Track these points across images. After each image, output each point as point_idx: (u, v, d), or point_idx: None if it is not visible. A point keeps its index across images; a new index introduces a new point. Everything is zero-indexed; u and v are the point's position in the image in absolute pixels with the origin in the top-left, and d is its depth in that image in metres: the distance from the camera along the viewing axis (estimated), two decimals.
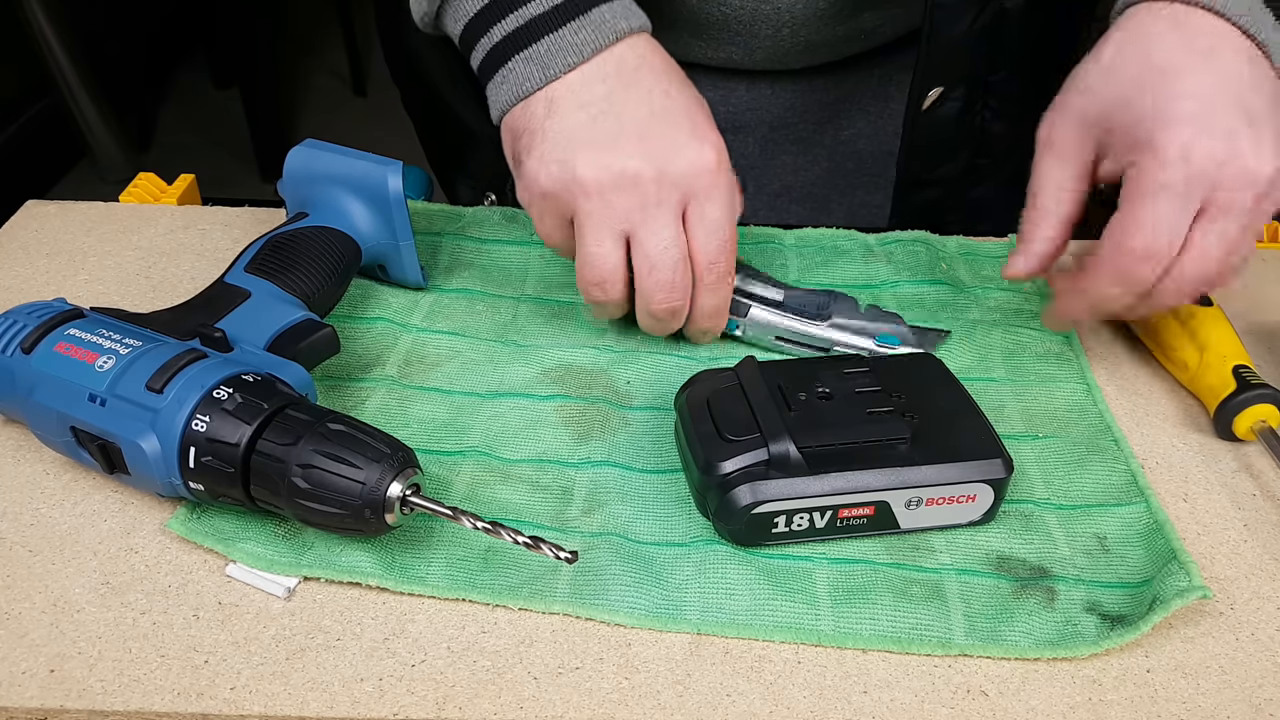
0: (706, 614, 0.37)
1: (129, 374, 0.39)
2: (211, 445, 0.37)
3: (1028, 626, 0.37)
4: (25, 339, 0.41)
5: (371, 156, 0.49)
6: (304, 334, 0.44)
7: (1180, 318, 0.49)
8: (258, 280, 0.46)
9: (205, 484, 0.38)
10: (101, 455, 0.39)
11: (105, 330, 0.41)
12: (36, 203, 0.61)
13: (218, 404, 0.37)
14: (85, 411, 0.38)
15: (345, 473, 0.36)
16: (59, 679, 0.35)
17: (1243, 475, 0.45)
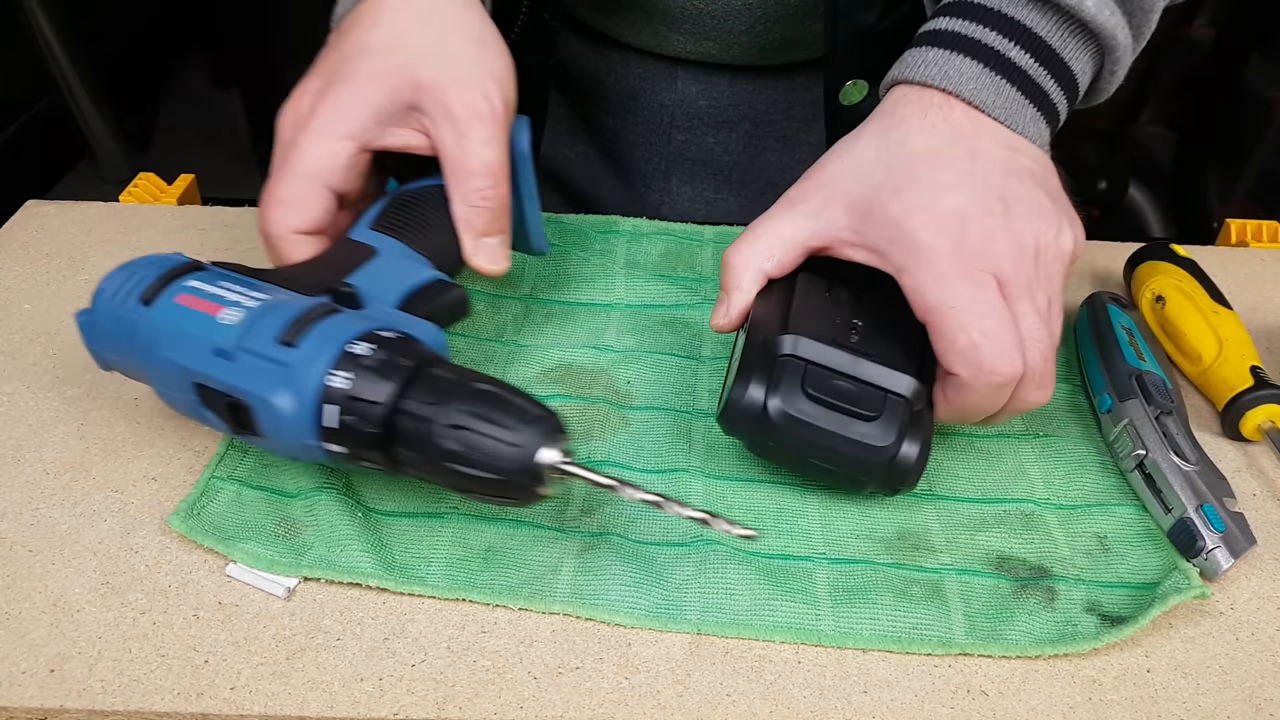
0: (706, 614, 0.37)
1: (258, 326, 0.36)
2: (353, 404, 0.34)
3: (1028, 626, 0.37)
4: (144, 290, 0.38)
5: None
6: (435, 294, 0.42)
7: (1202, 309, 0.49)
8: (384, 238, 0.43)
9: (347, 446, 0.35)
10: (230, 415, 0.36)
11: (228, 283, 0.38)
12: (36, 203, 0.61)
13: (357, 360, 0.35)
14: (211, 367, 0.36)
15: (499, 435, 0.34)
16: (59, 679, 0.35)
17: (1246, 475, 0.45)
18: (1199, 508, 0.39)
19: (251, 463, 0.43)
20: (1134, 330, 0.48)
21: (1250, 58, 1.52)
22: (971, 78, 0.40)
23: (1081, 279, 0.57)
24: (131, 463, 0.43)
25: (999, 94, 0.40)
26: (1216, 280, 0.51)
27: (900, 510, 0.42)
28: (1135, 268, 0.54)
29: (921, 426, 0.39)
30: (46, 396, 0.47)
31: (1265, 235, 0.62)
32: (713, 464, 0.44)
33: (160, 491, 0.42)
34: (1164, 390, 0.44)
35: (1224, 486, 0.41)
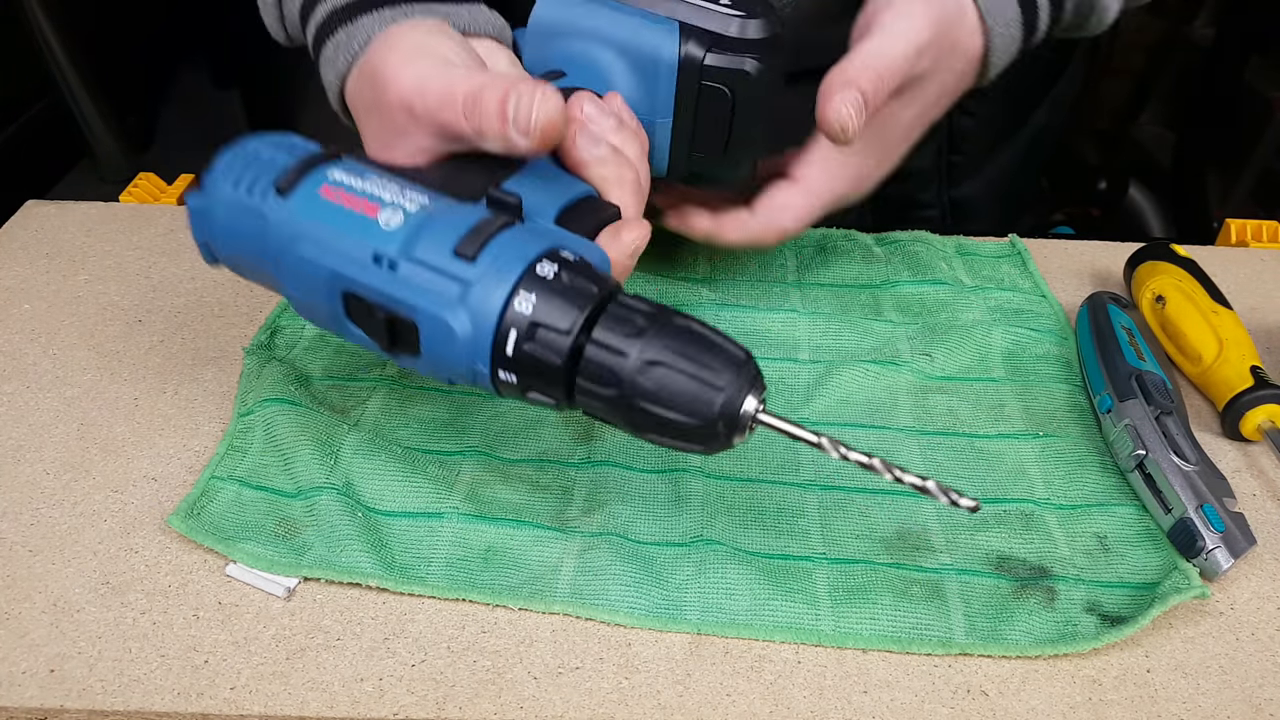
0: (706, 614, 0.37)
1: (428, 234, 0.32)
2: (536, 330, 0.31)
3: (1028, 626, 0.37)
4: (280, 178, 0.34)
5: (643, 13, 0.42)
6: (590, 211, 0.37)
7: (1202, 309, 0.49)
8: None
9: (519, 375, 0.31)
10: (385, 331, 0.32)
11: (376, 178, 0.34)
12: (36, 203, 0.61)
13: (543, 282, 0.31)
14: (369, 275, 0.32)
15: (703, 376, 0.30)
16: (59, 679, 0.35)
17: (1245, 475, 0.45)
18: (1199, 508, 0.39)
19: (251, 463, 0.43)
20: (1134, 330, 0.48)
21: (1250, 58, 1.52)
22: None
23: (1081, 279, 0.57)
24: (131, 463, 0.43)
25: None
26: (1216, 280, 0.51)
27: (900, 510, 0.42)
28: (1135, 268, 0.54)
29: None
30: (46, 396, 0.47)
31: (1265, 235, 0.62)
32: (713, 464, 0.44)
33: (160, 491, 0.42)
34: (1164, 390, 0.44)
35: (1224, 486, 0.41)
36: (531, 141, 0.35)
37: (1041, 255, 0.58)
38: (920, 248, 0.57)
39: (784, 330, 0.52)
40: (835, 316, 0.53)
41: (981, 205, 0.69)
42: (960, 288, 0.55)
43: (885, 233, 0.59)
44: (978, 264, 0.57)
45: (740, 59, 0.41)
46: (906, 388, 0.48)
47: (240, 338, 0.50)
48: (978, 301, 0.54)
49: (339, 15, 0.42)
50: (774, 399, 0.47)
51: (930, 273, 0.56)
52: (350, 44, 0.41)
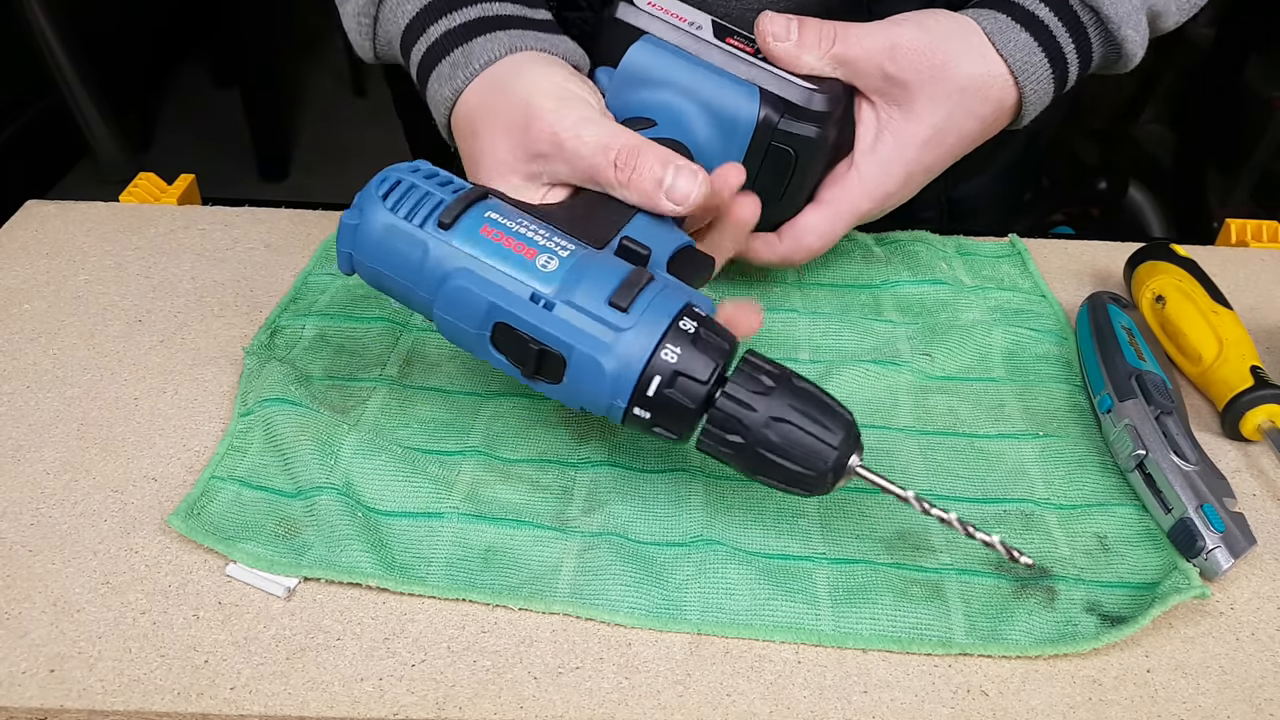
0: (706, 614, 0.37)
1: (585, 282, 0.36)
2: (678, 379, 0.35)
3: (1028, 626, 0.37)
4: (443, 213, 0.37)
5: (727, 74, 0.47)
6: (690, 260, 0.42)
7: (1202, 309, 0.49)
8: None
9: (654, 414, 0.36)
10: (533, 361, 0.36)
11: (525, 221, 0.38)
12: (36, 203, 0.61)
13: (686, 335, 0.36)
14: (527, 311, 0.36)
15: (818, 434, 0.35)
16: (59, 679, 0.35)
17: (1245, 475, 0.45)
18: (1199, 508, 0.39)
19: (251, 463, 0.43)
20: (1134, 330, 0.48)
21: (1250, 58, 1.52)
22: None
23: (1081, 279, 0.57)
24: (131, 463, 0.43)
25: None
26: (1216, 280, 0.51)
27: (900, 510, 0.42)
28: (1135, 268, 0.54)
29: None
30: (46, 396, 0.47)
31: (1265, 235, 0.62)
32: (713, 464, 0.44)
33: (160, 491, 0.42)
34: (1164, 390, 0.44)
35: (1224, 486, 0.41)
36: (683, 210, 0.40)
37: (1041, 255, 0.58)
38: (920, 247, 0.57)
39: (784, 330, 0.52)
40: (835, 316, 0.53)
41: (981, 205, 0.69)
42: (960, 288, 0.55)
43: (885, 233, 0.59)
44: (977, 264, 0.57)
45: (806, 126, 0.47)
46: (906, 388, 0.48)
47: (240, 338, 0.50)
48: (978, 301, 0.54)
49: (453, 36, 0.47)
50: None
51: (930, 272, 0.56)
52: (469, 63, 0.46)
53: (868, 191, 0.49)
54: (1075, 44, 0.49)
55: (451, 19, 0.47)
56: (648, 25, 0.48)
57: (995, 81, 0.48)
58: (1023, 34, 0.48)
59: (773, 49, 0.47)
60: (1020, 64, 0.48)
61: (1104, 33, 0.49)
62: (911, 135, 0.48)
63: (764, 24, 0.47)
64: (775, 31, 0.47)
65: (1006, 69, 0.48)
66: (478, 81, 0.45)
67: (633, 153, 0.40)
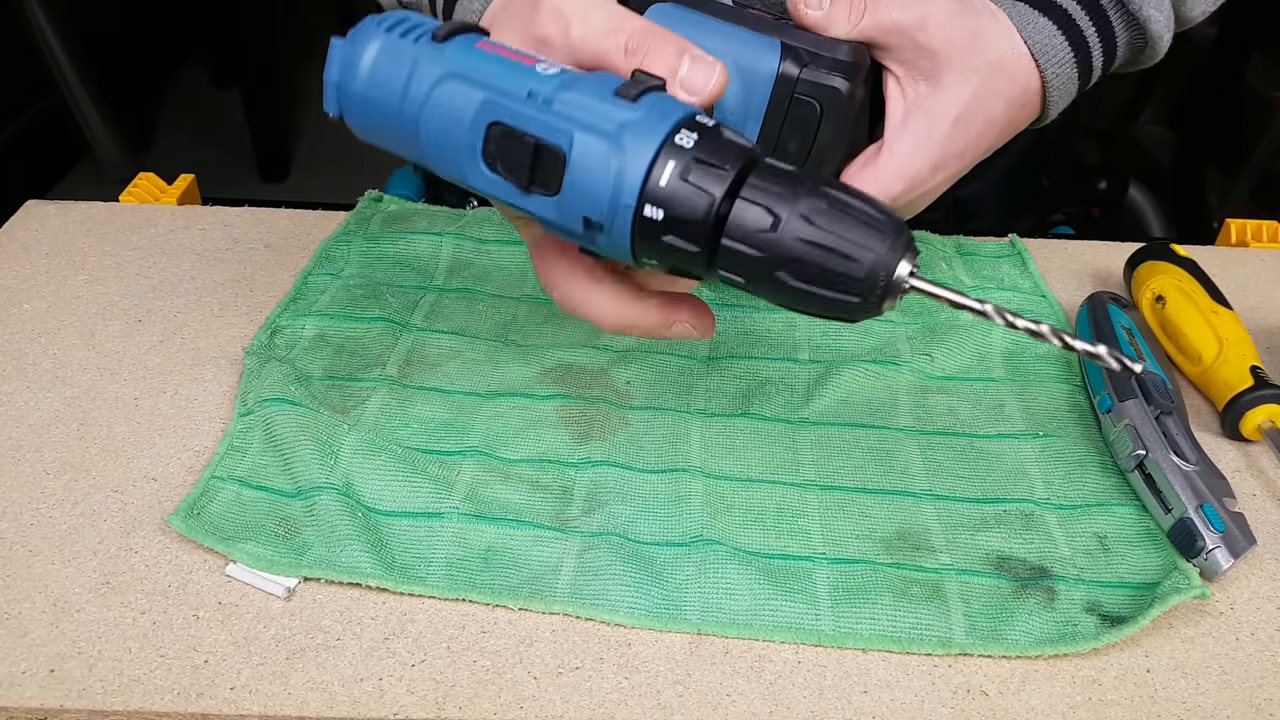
0: (706, 614, 0.37)
1: (586, 80, 0.33)
2: (696, 166, 0.31)
3: (1028, 626, 0.37)
4: (436, 31, 0.35)
5: (748, 32, 0.45)
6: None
7: (1202, 309, 0.49)
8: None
9: (667, 212, 0.31)
10: (529, 161, 0.32)
11: (524, 49, 0.35)
12: (36, 203, 0.61)
13: (703, 127, 0.31)
14: (523, 105, 0.32)
15: (861, 235, 0.30)
16: (59, 679, 0.35)
17: (1246, 475, 0.45)
18: (1199, 508, 0.39)
19: (251, 463, 0.43)
20: (1134, 330, 0.48)
21: (1250, 57, 1.52)
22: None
23: (1081, 279, 0.57)
24: (131, 463, 0.43)
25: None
26: (1216, 280, 0.51)
27: (900, 510, 0.42)
28: (1135, 268, 0.54)
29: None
30: (46, 396, 0.47)
31: (1265, 235, 0.62)
32: (713, 464, 0.44)
33: (160, 491, 0.42)
34: (1164, 390, 0.44)
35: (1224, 486, 0.41)
36: (697, 102, 0.36)
37: (1041, 255, 0.58)
38: (920, 247, 0.57)
39: (784, 330, 0.52)
40: None
41: (982, 205, 0.69)
42: (960, 288, 0.55)
43: None
44: (978, 264, 0.57)
45: (832, 76, 0.45)
46: (906, 388, 0.48)
47: (240, 338, 0.50)
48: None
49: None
50: (774, 399, 0.47)
51: (930, 272, 0.56)
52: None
53: (899, 172, 0.48)
54: (1097, 28, 0.49)
55: None
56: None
57: (1020, 62, 0.48)
58: (1041, 19, 0.48)
59: (803, 15, 0.46)
60: (1041, 47, 0.48)
61: (1125, 15, 0.49)
62: (941, 112, 0.48)
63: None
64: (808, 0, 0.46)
65: (1028, 51, 0.48)
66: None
67: (645, 35, 0.37)
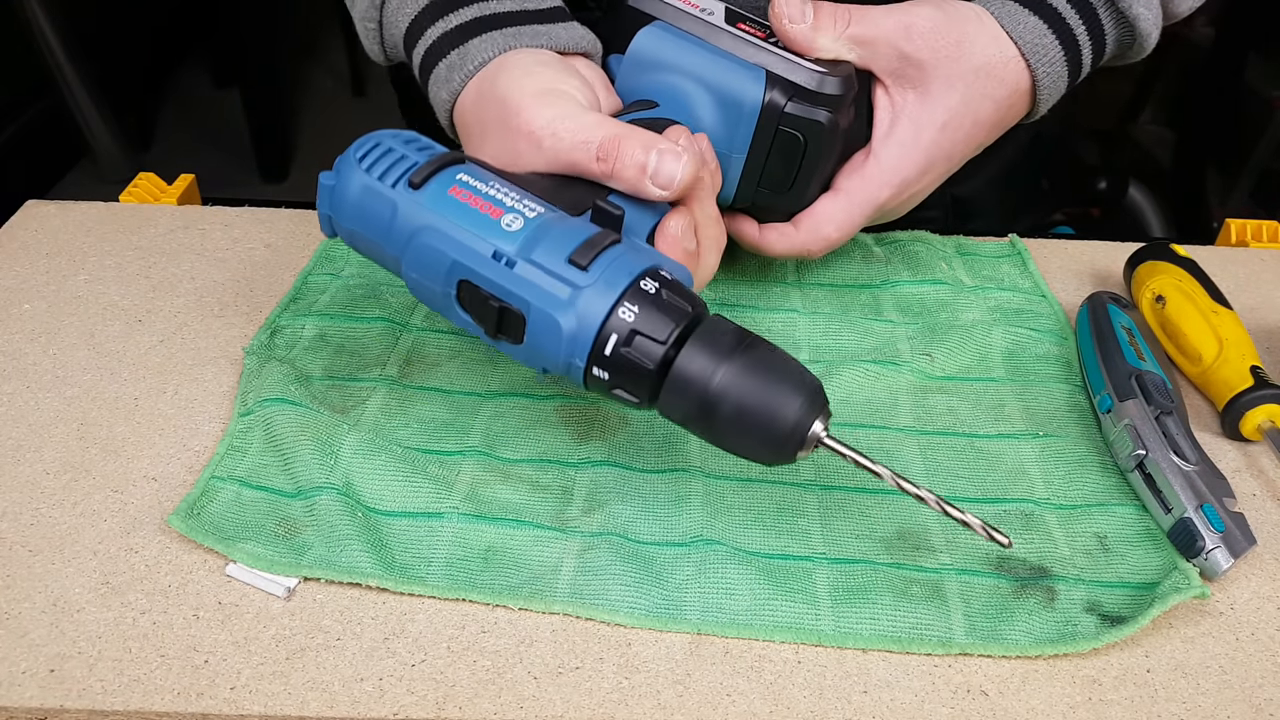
0: (706, 614, 0.37)
1: (546, 241, 0.36)
2: (635, 337, 0.35)
3: (1028, 626, 0.37)
4: (414, 174, 0.38)
5: (734, 58, 0.47)
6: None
7: (1202, 309, 0.49)
8: None
9: (612, 373, 0.35)
10: (494, 319, 0.36)
11: (498, 184, 0.38)
12: (36, 203, 0.61)
13: (646, 295, 0.35)
14: (488, 268, 0.36)
15: (776, 398, 0.34)
16: (59, 679, 0.35)
17: (1246, 475, 0.45)
18: (1199, 508, 0.39)
19: (251, 463, 0.43)
20: (1134, 330, 0.48)
21: (1250, 58, 1.52)
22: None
23: (1081, 279, 0.57)
24: (131, 463, 0.43)
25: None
26: (1216, 280, 0.51)
27: (900, 510, 0.42)
28: (1135, 268, 0.54)
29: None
30: (46, 396, 0.47)
31: (1265, 235, 0.62)
32: (712, 464, 0.44)
33: (160, 491, 0.42)
34: (1164, 390, 0.44)
35: (1224, 486, 0.41)
36: (670, 195, 0.39)
37: (1041, 255, 0.58)
38: (920, 247, 0.57)
39: (784, 330, 0.52)
40: (835, 316, 0.53)
41: (982, 205, 0.69)
42: (960, 288, 0.55)
43: (885, 233, 0.59)
44: (978, 264, 0.57)
45: (816, 110, 0.46)
46: (906, 388, 0.48)
47: (240, 338, 0.50)
48: (978, 301, 0.54)
49: (450, 38, 0.46)
50: None
51: (930, 272, 0.56)
52: (464, 65, 0.45)
53: (886, 179, 0.49)
54: (1086, 26, 0.49)
55: (449, 20, 0.47)
56: (659, 11, 0.48)
57: (1009, 64, 0.48)
58: (1031, 18, 0.48)
59: (787, 30, 0.47)
60: (1030, 46, 0.48)
61: (1114, 12, 0.49)
62: (928, 119, 0.48)
63: (779, 6, 0.47)
64: (790, 13, 0.47)
65: (1018, 51, 0.48)
66: (473, 84, 0.45)
67: (614, 142, 0.39)
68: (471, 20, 0.47)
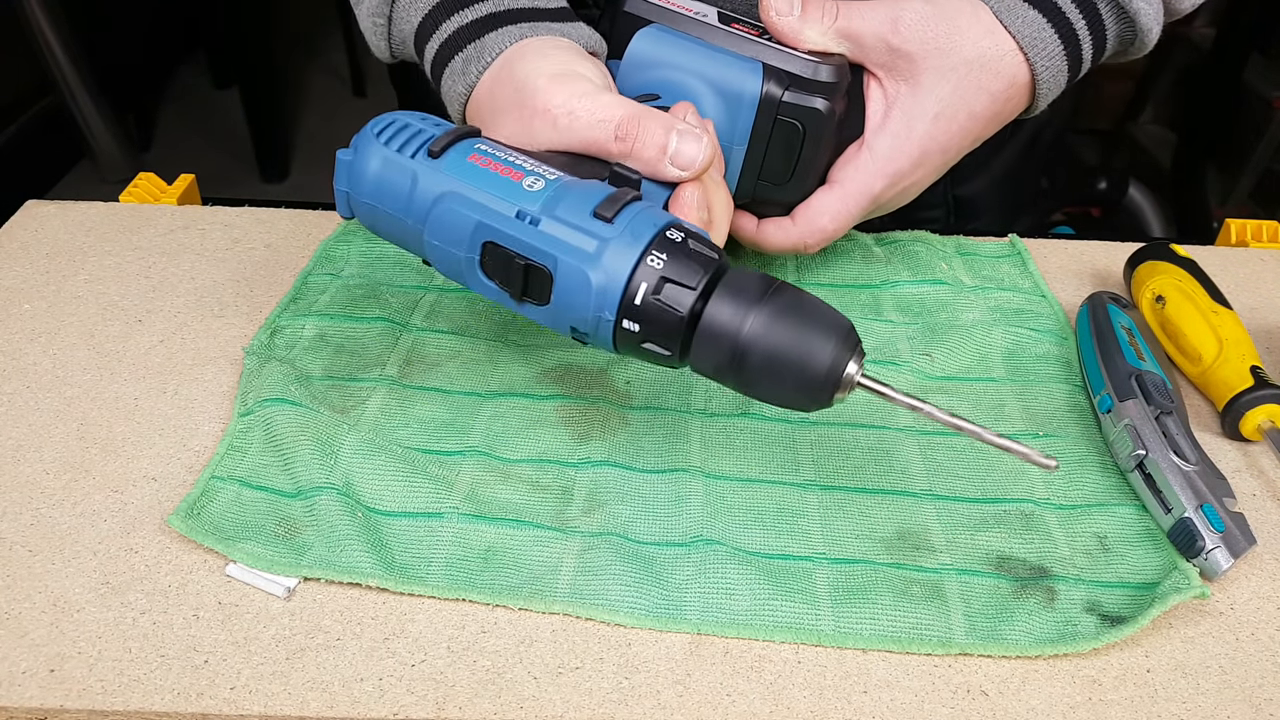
0: (706, 614, 0.37)
1: (569, 199, 0.36)
2: (665, 285, 0.35)
3: (1028, 626, 0.37)
4: (433, 143, 0.38)
5: (730, 53, 0.47)
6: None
7: (1202, 309, 0.49)
8: None
9: (642, 325, 0.35)
10: (519, 279, 0.36)
11: (515, 154, 0.38)
12: (36, 203, 0.61)
13: (673, 244, 0.35)
14: (512, 227, 0.36)
15: (811, 342, 0.34)
16: (59, 679, 0.35)
17: (1246, 475, 0.45)
18: (1199, 508, 0.39)
19: (251, 463, 0.43)
20: (1134, 330, 0.48)
21: (1250, 58, 1.52)
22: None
23: (1081, 279, 0.57)
24: (131, 463, 0.43)
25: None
26: (1216, 280, 0.51)
27: (900, 510, 0.42)
28: (1135, 268, 0.54)
29: None
30: (46, 396, 0.47)
31: (1265, 235, 0.62)
32: (713, 464, 0.44)
33: (160, 491, 0.42)
34: (1164, 390, 0.44)
35: (1224, 486, 0.41)
36: (689, 175, 0.40)
37: (1041, 255, 0.58)
38: (920, 248, 0.57)
39: None
40: None
41: (982, 205, 0.69)
42: (960, 288, 0.55)
43: (885, 233, 0.59)
44: (978, 264, 0.57)
45: (813, 98, 0.47)
46: (906, 388, 0.48)
47: (240, 338, 0.50)
48: (978, 301, 0.54)
49: (466, 32, 0.47)
50: None
51: (930, 273, 0.56)
52: (481, 58, 0.46)
53: (880, 170, 0.49)
54: (1087, 20, 0.49)
55: (464, 15, 0.47)
56: (654, 15, 0.49)
57: (1005, 57, 0.48)
58: (1030, 11, 0.48)
59: (776, 24, 0.47)
60: (1029, 40, 0.48)
61: (1115, 7, 0.49)
62: (920, 111, 0.48)
63: (767, 0, 0.47)
64: (779, 7, 0.47)
65: (1015, 45, 0.48)
66: (488, 74, 0.46)
67: (633, 121, 0.40)
68: (487, 15, 0.47)
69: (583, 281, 0.35)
